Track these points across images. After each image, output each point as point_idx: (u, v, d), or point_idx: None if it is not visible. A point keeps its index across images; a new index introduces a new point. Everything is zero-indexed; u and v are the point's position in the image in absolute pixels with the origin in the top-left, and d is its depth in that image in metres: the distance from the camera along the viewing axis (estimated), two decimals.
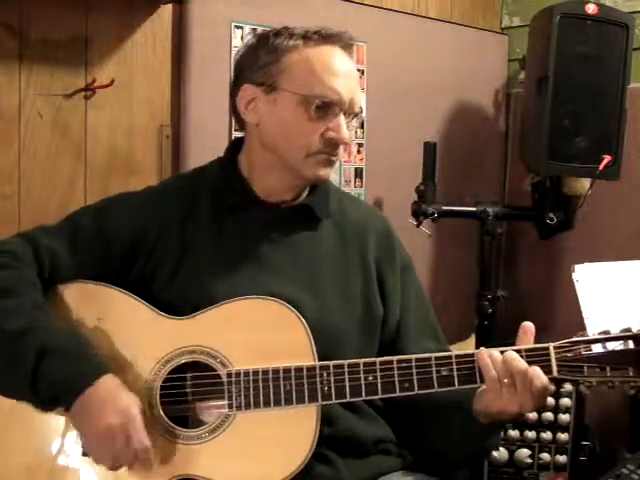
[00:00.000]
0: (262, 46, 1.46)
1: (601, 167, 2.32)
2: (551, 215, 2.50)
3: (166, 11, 2.18)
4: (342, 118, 1.44)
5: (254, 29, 2.28)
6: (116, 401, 1.29)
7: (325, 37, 1.45)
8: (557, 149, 2.35)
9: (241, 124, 1.53)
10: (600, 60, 2.34)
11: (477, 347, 2.39)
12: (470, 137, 2.89)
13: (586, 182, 2.44)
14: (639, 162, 2.57)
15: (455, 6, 2.87)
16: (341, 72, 1.44)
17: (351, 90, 1.45)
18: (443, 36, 2.80)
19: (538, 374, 1.29)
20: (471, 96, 2.89)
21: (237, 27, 2.27)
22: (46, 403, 1.31)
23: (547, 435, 2.25)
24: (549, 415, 2.24)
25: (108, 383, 1.30)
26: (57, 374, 1.28)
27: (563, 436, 2.24)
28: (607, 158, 2.33)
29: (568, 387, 2.24)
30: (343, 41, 1.47)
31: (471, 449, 1.48)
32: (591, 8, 2.31)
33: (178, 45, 2.21)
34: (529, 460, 2.25)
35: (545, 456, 2.24)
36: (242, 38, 2.27)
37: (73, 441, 1.36)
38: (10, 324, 1.31)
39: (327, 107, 1.43)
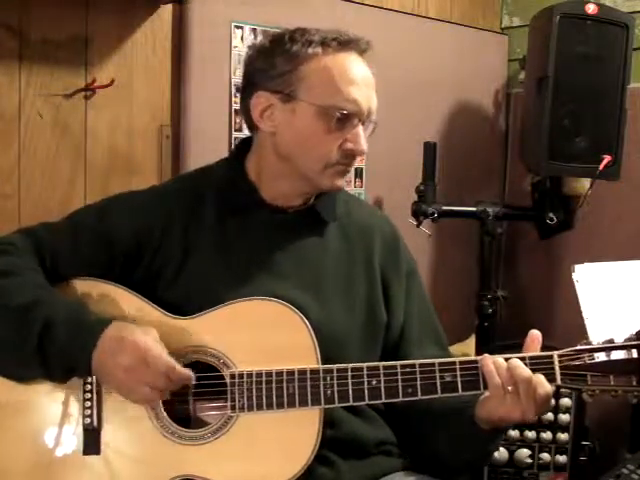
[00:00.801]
0: (278, 52, 1.43)
1: (601, 167, 2.32)
2: (551, 215, 2.50)
3: (166, 11, 2.18)
4: (360, 128, 1.43)
5: (254, 29, 2.28)
6: (122, 344, 1.29)
7: (343, 44, 1.43)
8: (557, 149, 2.36)
9: (251, 128, 1.51)
10: (600, 60, 2.34)
11: (477, 347, 2.45)
12: (470, 137, 2.89)
13: (586, 182, 2.44)
14: (639, 162, 2.57)
15: (455, 6, 2.87)
16: (359, 80, 1.42)
17: (369, 98, 1.43)
18: (443, 36, 2.80)
19: (542, 382, 1.29)
20: (471, 96, 2.89)
21: (237, 27, 2.27)
22: (60, 375, 1.33)
23: (547, 435, 2.24)
24: (549, 415, 2.24)
25: (108, 337, 1.30)
26: (61, 346, 1.29)
27: (563, 436, 2.24)
28: (607, 158, 2.33)
29: None
30: (360, 47, 1.45)
31: (472, 455, 1.47)
32: (591, 8, 2.31)
33: (178, 45, 2.20)
34: (529, 460, 2.25)
35: (545, 456, 2.24)
36: (242, 38, 2.27)
37: (71, 435, 1.36)
38: (13, 301, 1.32)
39: (346, 119, 1.41)
